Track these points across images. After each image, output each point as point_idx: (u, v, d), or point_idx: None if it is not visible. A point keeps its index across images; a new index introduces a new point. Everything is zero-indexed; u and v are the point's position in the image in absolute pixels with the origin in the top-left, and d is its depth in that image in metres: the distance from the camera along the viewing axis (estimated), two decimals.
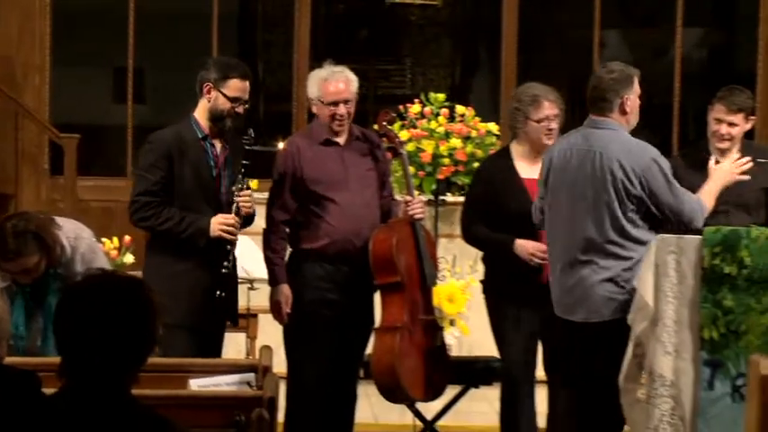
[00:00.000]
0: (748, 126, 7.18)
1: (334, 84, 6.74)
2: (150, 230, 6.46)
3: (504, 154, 7.07)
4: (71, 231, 6.10)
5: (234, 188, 6.42)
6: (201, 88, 6.49)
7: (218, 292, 6.34)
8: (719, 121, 7.07)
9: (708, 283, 6.04)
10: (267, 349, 5.34)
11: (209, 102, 6.45)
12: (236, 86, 6.45)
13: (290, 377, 6.79)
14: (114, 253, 8.86)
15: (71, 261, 6.04)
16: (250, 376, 5.23)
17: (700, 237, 6.09)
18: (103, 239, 8.92)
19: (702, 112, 7.45)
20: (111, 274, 3.43)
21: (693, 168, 7.05)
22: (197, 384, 5.12)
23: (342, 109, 6.74)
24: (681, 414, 6.10)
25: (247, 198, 6.43)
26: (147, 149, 6.48)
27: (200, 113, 6.50)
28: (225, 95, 6.43)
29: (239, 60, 6.73)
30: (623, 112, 6.28)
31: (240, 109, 6.47)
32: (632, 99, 6.32)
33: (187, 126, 6.50)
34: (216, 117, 6.46)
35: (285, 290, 6.66)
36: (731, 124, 7.08)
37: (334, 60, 6.93)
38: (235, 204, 6.39)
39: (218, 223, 6.34)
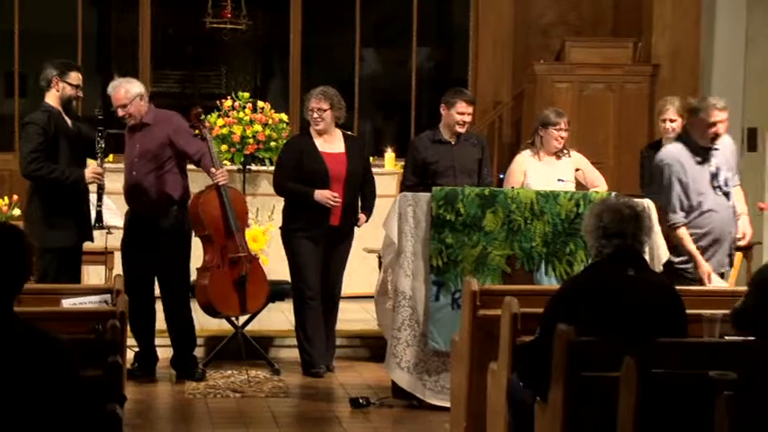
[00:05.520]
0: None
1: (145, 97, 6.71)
2: (40, 179, 6.23)
3: (307, 134, 7.08)
4: None
5: (97, 147, 6.33)
6: (50, 83, 6.36)
7: (96, 223, 6.37)
8: (462, 113, 6.93)
9: (435, 227, 6.10)
10: (119, 277, 5.24)
11: (58, 91, 6.35)
12: (76, 76, 6.40)
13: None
14: (5, 208, 8.62)
15: None
16: (107, 297, 5.13)
17: (430, 194, 6.14)
18: None
19: (431, 107, 7.49)
20: None
21: (429, 143, 7.06)
22: (67, 303, 5.01)
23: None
24: (417, 318, 6.16)
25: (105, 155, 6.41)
26: (29, 126, 6.31)
27: (52, 100, 6.37)
28: (69, 84, 6.35)
29: (71, 60, 6.59)
30: None
31: (80, 92, 6.42)
32: None
33: (48, 109, 6.34)
34: (65, 101, 6.36)
35: None
36: (469, 114, 7.00)
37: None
38: (99, 158, 6.33)
39: (91, 172, 6.30)
